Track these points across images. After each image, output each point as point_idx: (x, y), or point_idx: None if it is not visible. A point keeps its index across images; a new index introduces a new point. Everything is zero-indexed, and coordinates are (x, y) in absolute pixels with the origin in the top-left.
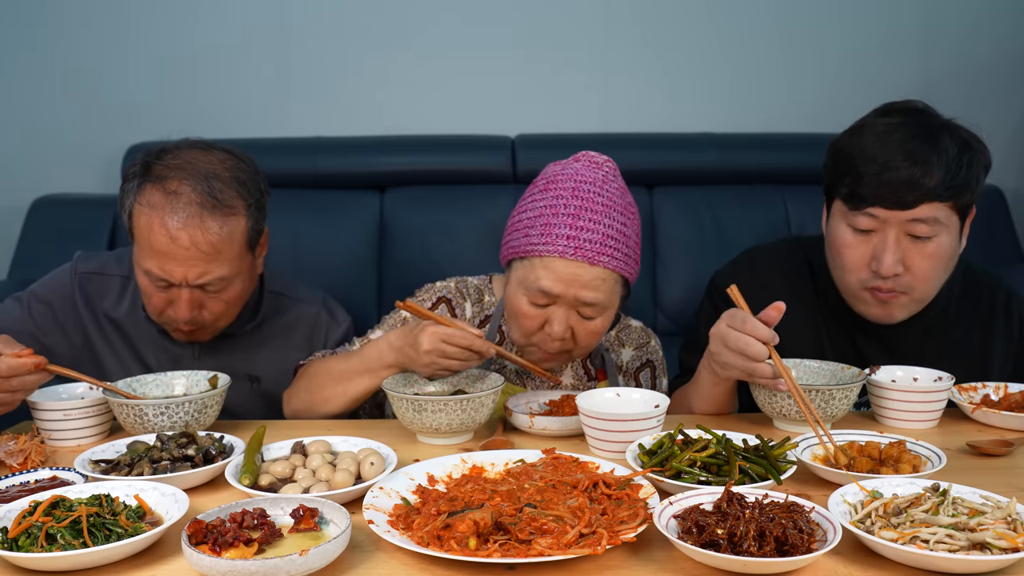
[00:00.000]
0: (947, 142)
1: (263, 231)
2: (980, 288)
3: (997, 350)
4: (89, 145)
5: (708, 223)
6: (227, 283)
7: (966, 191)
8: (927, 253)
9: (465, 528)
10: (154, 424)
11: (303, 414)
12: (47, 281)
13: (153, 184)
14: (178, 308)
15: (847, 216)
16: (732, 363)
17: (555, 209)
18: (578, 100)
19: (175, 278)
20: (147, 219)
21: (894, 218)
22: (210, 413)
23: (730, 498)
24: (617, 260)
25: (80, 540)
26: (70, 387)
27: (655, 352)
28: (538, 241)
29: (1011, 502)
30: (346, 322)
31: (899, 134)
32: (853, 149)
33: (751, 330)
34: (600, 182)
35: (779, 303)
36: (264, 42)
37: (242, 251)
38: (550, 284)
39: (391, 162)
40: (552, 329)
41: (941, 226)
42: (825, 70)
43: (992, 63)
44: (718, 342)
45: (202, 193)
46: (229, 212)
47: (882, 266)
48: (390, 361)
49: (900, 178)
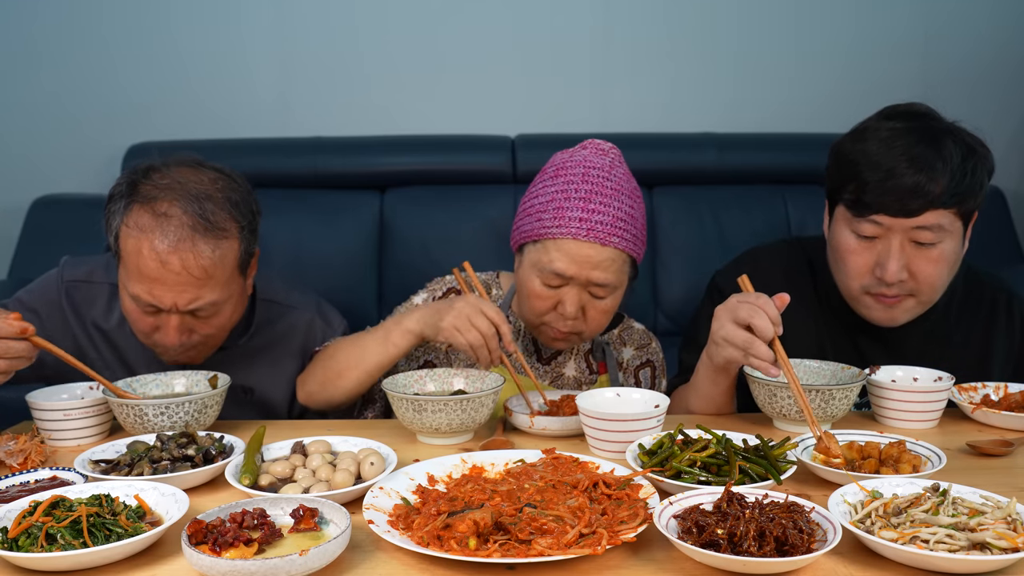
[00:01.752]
0: (951, 148)
1: (255, 253)
2: (982, 289)
3: (998, 351)
4: (89, 145)
5: (708, 223)
6: (218, 308)
7: (970, 197)
8: (931, 259)
9: (465, 528)
10: (154, 424)
11: (317, 395)
12: (33, 288)
13: (141, 205)
14: (166, 334)
15: (851, 222)
16: (733, 337)
17: (567, 193)
18: (578, 100)
19: (164, 304)
20: (135, 242)
21: (898, 225)
22: (210, 413)
23: (730, 498)
24: (627, 241)
25: (80, 540)
26: (70, 387)
27: (656, 353)
28: (551, 224)
29: (1011, 502)
30: (341, 326)
31: (903, 140)
32: (856, 155)
33: (763, 304)
34: (608, 167)
35: (783, 294)
36: (265, 42)
37: (234, 274)
38: (563, 266)
39: (391, 162)
40: (565, 309)
41: (945, 232)
42: (825, 70)
43: (992, 64)
44: (725, 316)
45: (193, 215)
46: (222, 235)
47: (886, 273)
48: (409, 325)
49: (905, 186)
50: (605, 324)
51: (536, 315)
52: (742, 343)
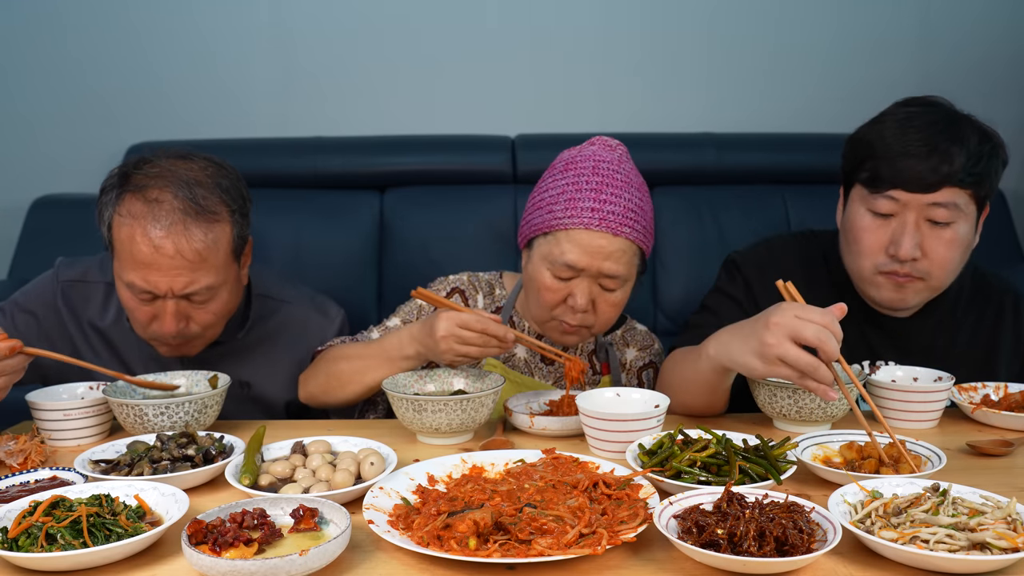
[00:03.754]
0: (968, 130)
1: (248, 240)
2: (989, 289)
3: (1004, 349)
4: (89, 145)
5: (708, 223)
6: (214, 293)
7: (986, 180)
8: (945, 239)
9: (465, 528)
10: (154, 424)
11: (319, 397)
12: (29, 290)
13: (133, 193)
14: (164, 322)
15: (866, 200)
16: (795, 360)
17: (578, 185)
18: (578, 100)
19: (160, 290)
20: (128, 230)
21: (914, 201)
22: (210, 413)
23: (730, 498)
24: (638, 232)
25: (80, 540)
26: (70, 387)
27: (658, 355)
28: (563, 215)
29: (1011, 502)
30: (339, 316)
31: (921, 120)
32: (873, 137)
33: (830, 323)
34: (617, 161)
35: (841, 304)
36: (265, 42)
37: (228, 259)
38: (575, 257)
39: (391, 162)
40: (575, 302)
41: (960, 213)
42: (825, 70)
43: (991, 64)
44: (782, 333)
45: (185, 200)
46: (213, 219)
47: (900, 249)
48: (410, 352)
49: (923, 161)
50: (614, 318)
51: (546, 308)
52: (805, 367)
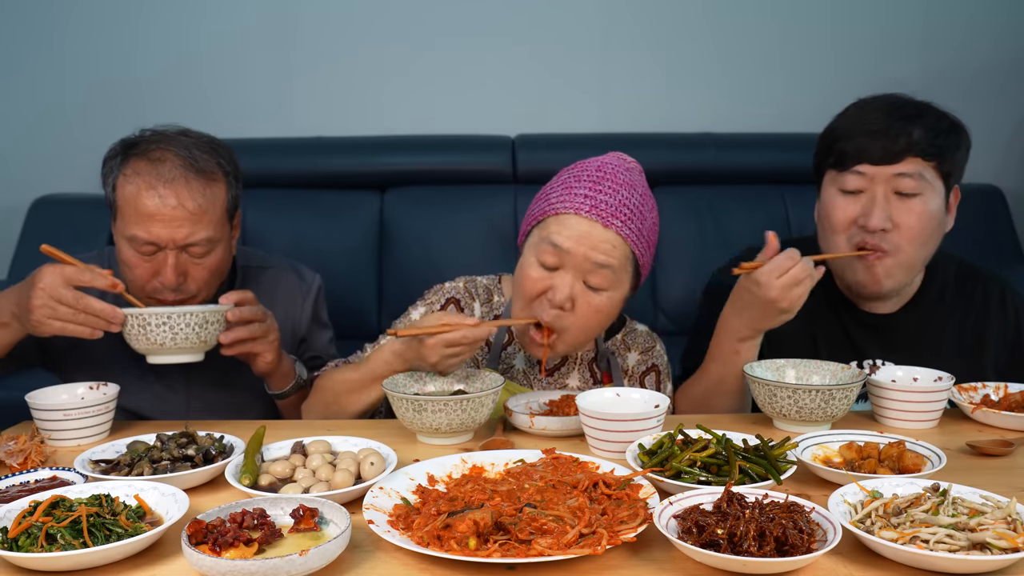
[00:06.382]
0: (926, 110)
1: (238, 210)
2: (975, 281)
3: (992, 341)
4: (90, 145)
5: (708, 223)
6: (211, 247)
7: (947, 154)
8: (914, 211)
9: (465, 528)
10: (156, 336)
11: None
12: None
13: (137, 156)
14: (164, 274)
15: (836, 180)
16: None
17: (577, 178)
18: (578, 100)
19: (162, 240)
20: (134, 186)
21: (881, 174)
22: (210, 330)
23: (730, 498)
24: (630, 231)
25: (80, 540)
26: (70, 387)
27: (660, 356)
28: (556, 201)
29: (1011, 502)
30: (315, 280)
31: (880, 103)
32: (836, 124)
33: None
34: (625, 169)
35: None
36: (266, 43)
37: (223, 218)
38: (561, 239)
39: (391, 162)
40: (554, 296)
41: (927, 184)
42: (825, 70)
43: (991, 64)
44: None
45: (185, 159)
46: (211, 178)
47: (871, 220)
48: (399, 367)
49: (883, 134)
50: (593, 329)
51: (525, 299)
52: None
